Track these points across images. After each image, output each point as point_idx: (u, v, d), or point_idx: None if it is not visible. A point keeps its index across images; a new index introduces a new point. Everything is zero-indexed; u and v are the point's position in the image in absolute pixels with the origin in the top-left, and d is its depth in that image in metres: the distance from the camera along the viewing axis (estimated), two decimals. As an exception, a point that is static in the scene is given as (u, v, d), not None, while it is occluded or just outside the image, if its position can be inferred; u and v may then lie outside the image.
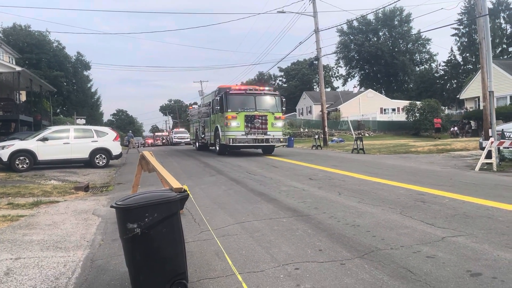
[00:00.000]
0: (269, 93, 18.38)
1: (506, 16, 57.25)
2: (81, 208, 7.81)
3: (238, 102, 17.62)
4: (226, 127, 17.40)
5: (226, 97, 17.68)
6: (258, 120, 17.52)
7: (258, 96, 17.93)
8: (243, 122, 17.33)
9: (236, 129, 17.27)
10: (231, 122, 17.24)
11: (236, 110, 17.46)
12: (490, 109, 13.25)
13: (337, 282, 3.56)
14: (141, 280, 3.41)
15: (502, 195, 7.21)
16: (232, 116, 17.30)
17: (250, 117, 17.44)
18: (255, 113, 17.57)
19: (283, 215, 6.21)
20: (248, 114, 17.46)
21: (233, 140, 17.00)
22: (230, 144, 17.08)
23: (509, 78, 30.93)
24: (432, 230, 5.01)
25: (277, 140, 17.87)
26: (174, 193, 3.60)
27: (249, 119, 17.41)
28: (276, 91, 19.51)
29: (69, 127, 17.38)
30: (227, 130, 17.35)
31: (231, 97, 17.67)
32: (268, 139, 17.55)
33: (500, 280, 3.42)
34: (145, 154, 6.56)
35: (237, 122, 17.30)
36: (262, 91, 18.36)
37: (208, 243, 4.96)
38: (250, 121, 17.41)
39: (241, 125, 17.33)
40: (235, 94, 17.78)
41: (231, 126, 17.27)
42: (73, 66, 55.09)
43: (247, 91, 18.00)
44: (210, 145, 21.19)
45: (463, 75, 56.60)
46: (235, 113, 17.39)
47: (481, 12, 14.58)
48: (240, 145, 17.49)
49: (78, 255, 4.83)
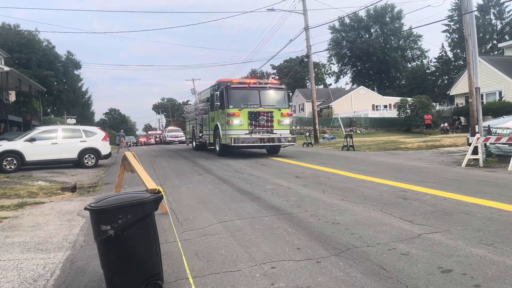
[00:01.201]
0: (274, 87, 16.79)
1: (496, 12, 57.66)
2: (66, 209, 7.79)
3: (240, 97, 15.96)
4: (227, 125, 15.74)
5: (227, 91, 15.99)
6: (263, 117, 15.84)
7: (263, 90, 16.28)
8: (246, 120, 15.67)
9: (239, 127, 15.63)
10: (233, 120, 15.61)
11: (239, 106, 15.75)
12: (477, 105, 13.35)
13: (311, 280, 3.61)
14: (115, 281, 3.43)
15: (483, 191, 7.30)
16: (234, 113, 15.64)
17: (254, 114, 15.79)
18: (260, 109, 15.89)
19: (265, 213, 6.25)
20: (252, 110, 15.78)
21: (236, 140, 15.27)
22: (232, 144, 15.33)
23: (499, 74, 31.16)
24: (409, 227, 5.07)
25: (285, 140, 16.03)
26: (149, 194, 3.62)
27: (253, 116, 15.77)
28: (282, 84, 17.86)
29: (57, 127, 17.29)
30: (229, 128, 15.71)
31: (232, 92, 15.98)
32: (275, 138, 15.82)
33: (470, 276, 3.48)
34: (127, 154, 6.57)
35: (240, 119, 15.65)
36: (267, 84, 16.87)
37: (188, 243, 4.98)
38: (254, 119, 15.76)
39: (244, 123, 15.67)
40: (237, 88, 16.09)
41: (233, 124, 15.61)
42: (64, 65, 54.74)
43: (250, 85, 16.31)
44: (209, 144, 19.52)
45: (454, 71, 56.92)
46: (237, 109, 15.70)
47: (467, 9, 14.69)
48: (243, 146, 15.73)
49: (58, 256, 4.84)
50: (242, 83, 16.57)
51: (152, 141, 52.99)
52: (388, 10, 67.69)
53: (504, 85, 31.08)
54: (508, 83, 30.76)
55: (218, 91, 16.60)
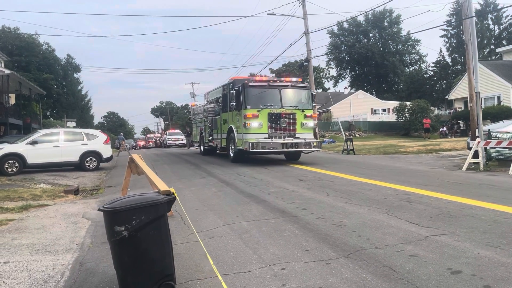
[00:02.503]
0: (297, 85, 15.10)
1: (494, 17, 57.98)
2: (70, 211, 7.81)
3: (259, 96, 14.35)
4: (244, 129, 14.07)
5: (244, 90, 14.36)
6: (285, 119, 14.22)
7: (284, 89, 14.63)
8: (266, 122, 14.05)
9: (258, 130, 13.99)
10: (251, 122, 13.94)
11: (257, 107, 14.09)
12: (477, 110, 13.46)
13: (322, 281, 3.64)
14: (129, 282, 3.47)
15: (486, 195, 7.36)
16: (252, 114, 13.98)
17: (274, 115, 14.17)
18: (281, 110, 14.27)
19: (271, 216, 6.29)
20: (272, 111, 14.17)
21: (254, 145, 13.48)
22: (250, 150, 13.61)
23: (497, 78, 31.34)
24: (416, 229, 5.12)
25: (309, 145, 14.16)
26: (162, 196, 3.66)
27: (274, 118, 14.16)
28: (305, 82, 16.17)
29: (59, 130, 17.31)
30: (246, 132, 14.04)
31: (250, 91, 14.36)
32: (298, 143, 14.01)
33: (479, 277, 3.52)
34: (134, 157, 6.60)
35: (259, 122, 13.99)
36: (289, 82, 15.06)
37: (196, 245, 5.01)
38: (275, 121, 14.15)
39: (263, 125, 14.03)
40: (256, 86, 14.45)
41: (251, 127, 13.94)
42: (63, 69, 54.70)
43: (270, 83, 14.65)
44: (221, 149, 17.69)
45: (452, 75, 57.15)
46: (256, 110, 14.03)
47: (467, 14, 14.81)
48: (262, 152, 13.95)
49: (67, 258, 4.86)
50: (261, 80, 14.98)
51: (151, 144, 52.83)
52: (386, 15, 67.97)
53: (503, 89, 31.26)
54: (506, 88, 30.94)
55: (233, 90, 14.95)
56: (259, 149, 13.56)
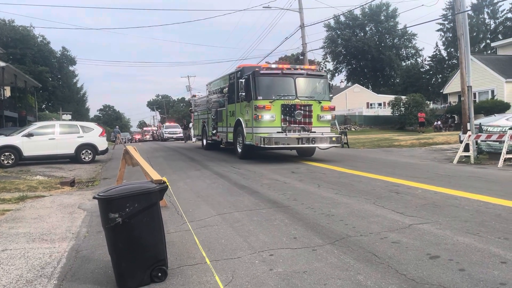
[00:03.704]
0: (313, 74, 13.71)
1: (490, 11, 58.14)
2: (66, 202, 7.97)
3: (272, 86, 12.99)
4: (255, 122, 12.70)
5: (255, 79, 12.93)
6: (300, 111, 12.77)
7: (299, 77, 13.16)
8: (279, 115, 12.65)
9: (270, 124, 12.61)
10: (264, 115, 12.53)
11: (270, 98, 12.70)
12: (469, 104, 13.64)
13: (307, 265, 3.83)
14: (123, 266, 3.63)
15: (473, 186, 7.57)
16: (264, 106, 12.59)
17: (289, 107, 12.73)
18: (296, 101, 12.82)
19: (263, 206, 6.46)
20: (286, 103, 12.75)
21: (266, 140, 12.16)
22: (261, 145, 12.27)
23: (491, 73, 31.56)
24: (401, 218, 5.31)
25: (327, 140, 12.77)
26: (154, 185, 3.82)
27: (288, 110, 12.73)
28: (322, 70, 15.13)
29: (55, 123, 17.42)
30: (257, 125, 12.66)
31: (262, 80, 12.97)
32: (315, 138, 12.60)
33: (456, 262, 3.72)
34: (128, 148, 6.75)
35: (271, 114, 12.61)
36: (304, 70, 13.64)
37: (189, 233, 5.17)
38: (289, 113, 12.73)
39: (276, 118, 12.63)
40: (268, 75, 13.11)
41: (263, 120, 12.55)
42: (58, 61, 54.55)
43: (283, 71, 13.20)
44: (227, 144, 16.23)
45: (447, 70, 57.37)
46: (268, 101, 12.62)
47: (460, 9, 14.96)
48: (275, 147, 12.69)
49: (63, 246, 5.02)
50: (273, 68, 13.65)
51: (147, 137, 52.72)
52: (383, 9, 67.99)
53: (497, 84, 31.50)
54: (500, 82, 31.18)
55: (243, 79, 13.52)
56: (272, 145, 12.24)
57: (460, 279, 3.34)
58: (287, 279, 3.56)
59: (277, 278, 3.58)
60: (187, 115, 76.13)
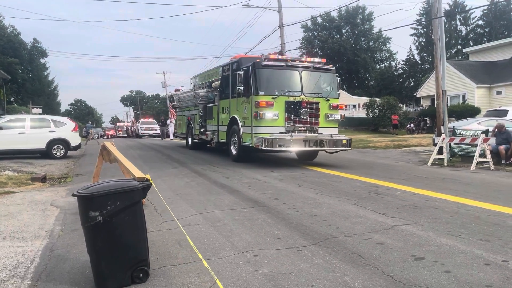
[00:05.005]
0: (321, 67, 12.21)
1: (462, 18, 59.87)
2: (38, 199, 7.66)
3: (275, 80, 11.54)
4: (255, 120, 11.20)
5: (256, 71, 11.42)
6: (306, 109, 11.35)
7: (305, 71, 11.75)
8: (283, 113, 11.20)
9: (272, 123, 11.14)
10: (266, 112, 11.05)
11: (272, 93, 11.26)
12: (443, 107, 13.94)
13: (293, 266, 3.77)
14: (102, 267, 3.48)
15: (449, 188, 7.71)
16: (266, 102, 11.12)
17: (294, 104, 11.27)
18: (302, 98, 11.39)
19: (244, 205, 6.38)
20: (291, 100, 11.29)
21: (268, 141, 10.68)
22: (262, 147, 10.78)
23: (463, 78, 32.47)
24: (383, 219, 5.33)
25: (337, 143, 11.40)
26: (137, 182, 3.67)
27: (293, 108, 11.26)
28: (330, 64, 13.09)
29: (25, 116, 16.80)
30: (258, 124, 11.18)
31: (264, 72, 11.45)
32: (324, 140, 11.20)
33: (441, 263, 3.74)
34: (106, 144, 6.53)
35: (274, 112, 11.14)
36: (311, 63, 12.10)
37: (169, 232, 5.05)
38: (294, 111, 11.26)
39: (279, 117, 11.18)
40: (271, 67, 11.55)
41: (264, 119, 11.07)
42: (29, 53, 52.71)
43: (288, 63, 11.74)
44: (217, 144, 14.55)
45: (420, 74, 58.73)
46: (270, 97, 11.18)
47: (437, 14, 15.26)
48: (278, 150, 11.38)
49: (36, 245, 4.80)
50: (277, 59, 11.99)
51: (121, 133, 51.55)
52: (359, 12, 68.97)
53: (468, 88, 32.44)
54: (471, 87, 32.13)
55: (241, 71, 11.84)
56: (275, 147, 10.78)
57: (446, 281, 3.35)
58: (274, 280, 3.49)
59: (263, 279, 3.50)
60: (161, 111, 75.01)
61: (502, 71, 32.54)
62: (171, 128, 32.77)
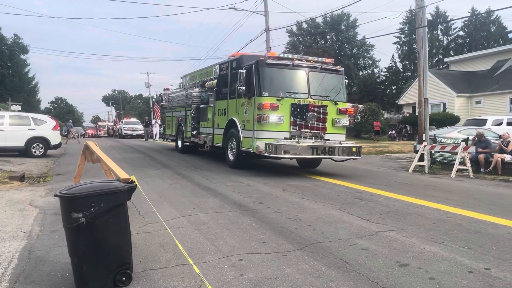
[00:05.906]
0: (329, 68, 11.26)
1: (443, 28, 61.17)
2: (16, 198, 7.46)
3: (280, 80, 10.67)
4: (258, 123, 10.25)
5: (259, 70, 10.54)
6: (313, 113, 10.46)
7: (313, 71, 10.88)
8: (288, 116, 10.31)
9: (276, 127, 10.26)
10: (270, 115, 10.13)
11: (277, 95, 10.37)
12: (425, 115, 14.16)
13: (278, 271, 3.74)
14: (84, 270, 3.39)
15: (431, 195, 7.82)
16: (271, 104, 10.19)
17: (300, 107, 10.36)
18: (309, 101, 10.53)
19: (228, 209, 6.33)
20: (297, 102, 10.40)
21: (272, 147, 9.74)
22: (265, 153, 9.83)
23: (444, 87, 33.13)
24: (367, 225, 5.36)
25: (347, 151, 10.51)
26: (122, 184, 3.60)
27: (299, 112, 10.36)
28: (338, 65, 12.23)
29: (4, 113, 16.37)
30: (260, 128, 10.24)
31: (268, 71, 10.58)
32: (333, 148, 10.28)
33: (425, 270, 3.77)
34: (89, 144, 6.41)
35: (279, 115, 10.22)
36: (319, 63, 11.21)
37: (153, 235, 4.97)
38: (300, 115, 10.36)
39: (285, 120, 10.28)
40: (276, 66, 10.65)
41: (267, 123, 10.15)
42: (9, 49, 51.58)
43: (294, 62, 10.79)
44: (212, 148, 13.58)
45: (402, 81, 59.70)
46: (275, 99, 10.28)
47: (421, 24, 15.55)
48: (282, 157, 10.14)
49: (14, 246, 4.66)
50: (283, 57, 11.06)
51: (102, 133, 50.69)
52: (344, 19, 69.73)
53: (448, 97, 33.10)
54: (451, 96, 32.79)
55: (243, 69, 10.85)
56: (279, 154, 9.74)
57: (430, 288, 3.38)
58: (259, 285, 3.45)
59: (249, 284, 3.46)
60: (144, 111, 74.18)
61: (482, 81, 33.34)
62: (155, 128, 32.30)
